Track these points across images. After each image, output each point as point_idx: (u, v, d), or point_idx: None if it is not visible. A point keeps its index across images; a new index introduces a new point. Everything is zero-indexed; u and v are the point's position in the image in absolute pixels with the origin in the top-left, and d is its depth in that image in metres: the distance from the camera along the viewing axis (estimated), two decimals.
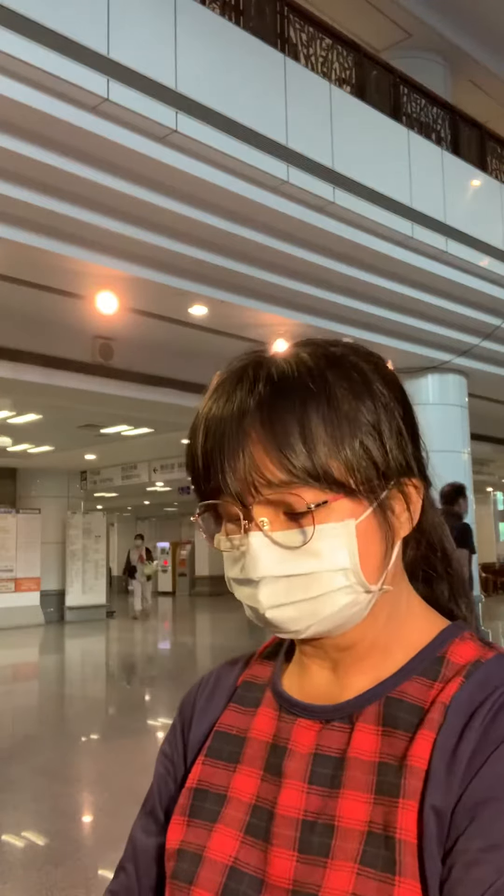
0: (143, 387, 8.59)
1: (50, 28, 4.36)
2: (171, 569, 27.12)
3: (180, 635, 15.94)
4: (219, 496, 0.68)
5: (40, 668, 11.81)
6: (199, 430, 0.69)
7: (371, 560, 0.67)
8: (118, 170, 5.07)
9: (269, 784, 0.70)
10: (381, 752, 0.66)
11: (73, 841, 4.46)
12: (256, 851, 0.67)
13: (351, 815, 0.64)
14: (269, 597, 0.66)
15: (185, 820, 0.73)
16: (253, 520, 0.66)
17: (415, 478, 0.70)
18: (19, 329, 7.36)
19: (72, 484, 17.82)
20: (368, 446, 0.66)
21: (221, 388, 0.69)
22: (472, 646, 0.71)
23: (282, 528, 0.66)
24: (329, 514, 0.65)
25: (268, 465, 0.64)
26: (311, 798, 0.67)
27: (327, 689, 0.73)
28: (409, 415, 0.72)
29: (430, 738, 0.64)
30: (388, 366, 0.72)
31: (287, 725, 0.72)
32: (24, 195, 4.96)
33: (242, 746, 0.74)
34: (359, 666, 0.72)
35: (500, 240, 7.97)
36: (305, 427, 0.64)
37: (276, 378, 0.66)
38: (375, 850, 0.61)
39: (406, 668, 0.70)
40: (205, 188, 5.43)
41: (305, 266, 6.57)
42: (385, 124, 7.01)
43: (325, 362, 0.68)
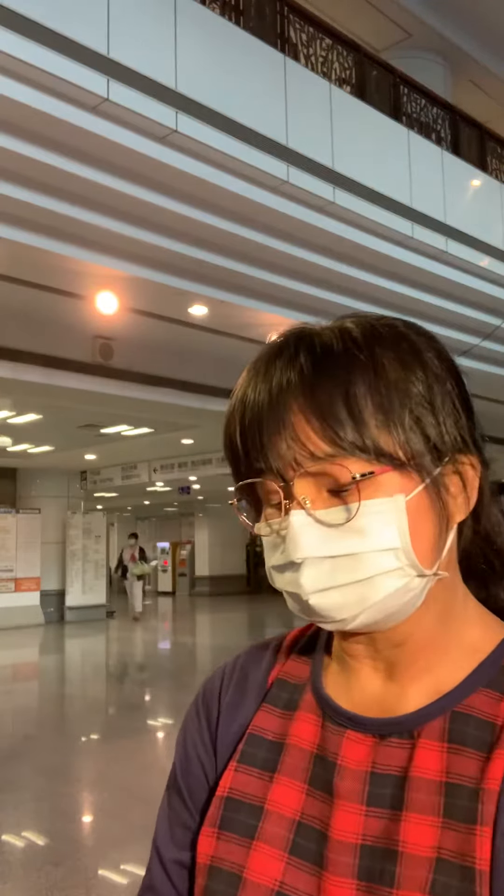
0: (143, 387, 8.59)
1: (50, 28, 4.36)
2: (171, 569, 27.10)
3: (180, 635, 15.94)
4: (258, 475, 0.63)
5: (40, 668, 11.81)
6: (235, 407, 0.65)
7: (424, 541, 0.61)
8: (118, 170, 5.07)
9: (317, 801, 0.64)
10: (448, 772, 0.60)
11: (73, 841, 4.46)
12: (306, 876, 0.61)
13: (417, 841, 0.58)
14: (313, 580, 0.60)
15: (215, 832, 0.66)
16: (294, 498, 0.61)
17: (472, 455, 0.65)
18: (19, 329, 7.36)
19: (72, 484, 17.81)
20: (420, 418, 0.61)
21: (259, 364, 0.65)
22: None
23: (325, 506, 0.61)
24: (376, 489, 0.60)
25: (310, 435, 0.60)
26: (369, 821, 0.61)
27: (381, 698, 0.66)
28: (463, 390, 0.67)
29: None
30: (439, 341, 0.67)
31: (334, 737, 0.66)
32: (24, 195, 4.96)
33: (280, 754, 0.68)
34: (414, 670, 0.66)
35: (500, 240, 7.97)
36: (351, 396, 0.60)
37: (318, 349, 0.62)
38: (447, 879, 0.56)
39: (471, 678, 0.64)
40: (205, 188, 5.43)
41: (305, 266, 6.57)
42: (385, 124, 7.01)
43: (372, 332, 0.64)
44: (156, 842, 0.74)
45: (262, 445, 0.62)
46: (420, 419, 0.61)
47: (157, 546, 28.47)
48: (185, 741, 0.76)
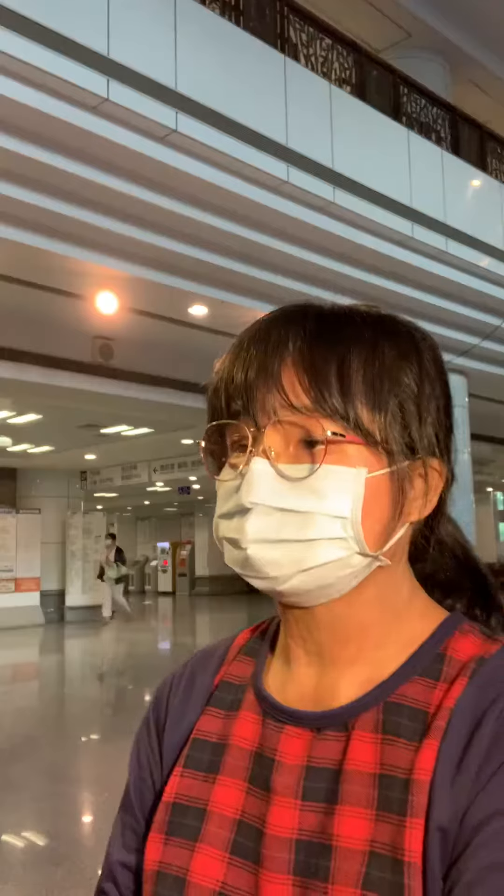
0: (143, 387, 8.60)
1: (50, 28, 4.36)
2: (171, 569, 27.11)
3: (180, 635, 15.94)
4: (234, 417, 0.64)
5: (40, 668, 11.82)
6: (230, 352, 0.66)
7: (374, 521, 0.62)
8: (118, 170, 5.07)
9: (256, 798, 0.64)
10: (381, 764, 0.60)
11: (73, 841, 4.46)
12: (246, 874, 0.61)
13: (351, 834, 0.58)
14: (258, 529, 0.61)
15: (162, 838, 0.66)
16: (261, 444, 0.62)
17: (442, 463, 0.66)
18: (19, 329, 7.36)
19: (72, 484, 17.81)
20: (404, 408, 0.63)
21: (264, 320, 0.66)
22: (474, 639, 0.65)
23: (288, 461, 0.62)
24: (342, 457, 0.61)
25: (296, 387, 0.61)
26: (305, 816, 0.61)
27: (316, 691, 0.66)
28: (448, 402, 0.68)
29: (434, 747, 0.58)
30: (440, 351, 0.69)
31: (273, 733, 0.66)
32: (24, 195, 4.96)
33: (222, 755, 0.68)
34: (344, 657, 0.66)
35: (500, 240, 7.97)
36: (344, 365, 0.61)
37: (325, 317, 0.64)
38: (380, 873, 0.56)
39: (405, 667, 0.64)
40: (205, 188, 5.42)
41: (305, 266, 6.57)
42: (385, 124, 7.00)
43: (379, 319, 0.66)
44: (108, 847, 0.76)
45: (245, 388, 0.63)
46: (404, 409, 0.63)
47: (157, 546, 28.48)
48: (138, 749, 0.77)
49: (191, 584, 26.13)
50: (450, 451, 0.68)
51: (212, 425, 0.66)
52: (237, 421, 0.64)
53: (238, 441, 0.65)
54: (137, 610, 19.57)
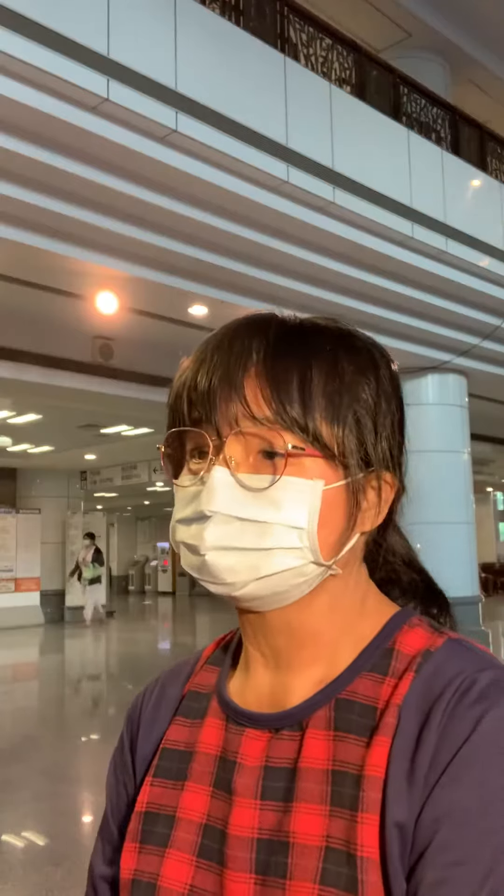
0: (143, 387, 8.59)
1: (50, 28, 4.35)
2: (171, 569, 27.11)
3: (180, 636, 15.95)
4: (196, 425, 0.65)
5: (40, 668, 11.81)
6: (193, 359, 0.67)
7: (329, 532, 0.64)
8: (118, 170, 5.07)
9: (220, 801, 0.66)
10: (333, 760, 0.61)
11: (73, 841, 4.46)
12: (212, 875, 0.63)
13: (306, 830, 0.59)
14: (216, 537, 0.62)
15: (136, 846, 0.68)
16: (222, 453, 0.63)
17: (394, 476, 0.68)
18: (19, 329, 7.36)
19: (72, 484, 17.81)
20: (361, 422, 0.65)
21: (228, 328, 0.68)
22: (422, 633, 0.66)
23: (248, 471, 0.63)
24: (300, 470, 0.62)
25: (258, 399, 0.62)
26: (264, 815, 0.62)
27: (272, 693, 0.68)
28: (402, 417, 0.70)
29: (385, 744, 0.59)
30: (396, 369, 0.71)
31: (235, 737, 0.67)
32: (24, 195, 4.96)
33: (189, 762, 0.69)
34: (298, 661, 0.67)
35: (500, 240, 7.97)
36: (306, 379, 0.63)
37: (287, 328, 0.66)
38: (336, 867, 0.57)
39: (355, 664, 0.65)
40: (205, 188, 5.42)
41: (305, 266, 6.57)
42: (385, 124, 7.00)
43: (339, 333, 0.68)
44: (91, 861, 0.78)
45: (208, 396, 0.64)
46: (360, 423, 0.65)
47: (157, 546, 28.47)
48: (114, 765, 0.79)
49: (191, 584, 26.09)
50: (401, 464, 0.70)
51: (172, 431, 0.68)
52: (199, 429, 0.65)
53: (198, 448, 0.66)
54: (137, 610, 19.55)
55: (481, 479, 18.37)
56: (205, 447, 0.65)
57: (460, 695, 0.59)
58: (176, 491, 0.68)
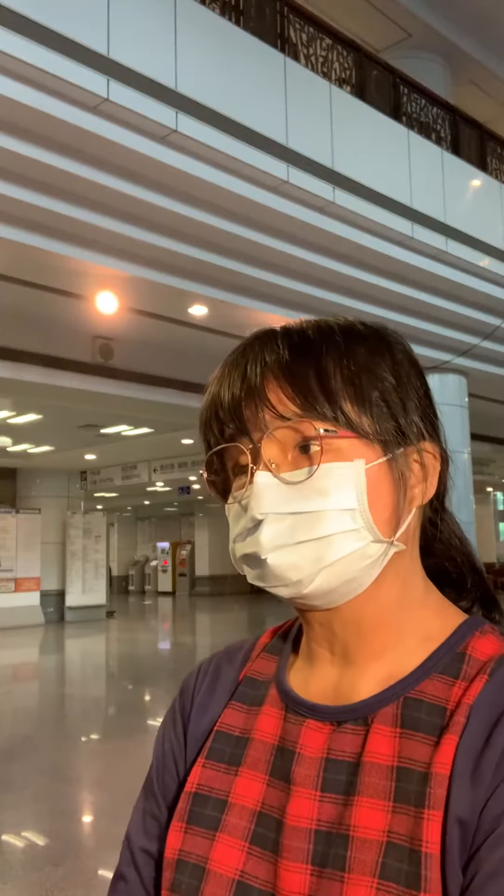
0: (143, 387, 8.59)
1: (50, 28, 4.36)
2: (171, 569, 27.11)
3: (180, 635, 15.95)
4: (230, 441, 0.67)
5: (40, 668, 11.81)
6: (213, 383, 0.69)
7: (382, 508, 0.64)
8: (118, 170, 5.07)
9: (276, 790, 0.66)
10: (399, 756, 0.61)
11: (73, 841, 4.46)
12: (265, 864, 0.63)
13: (368, 825, 0.59)
14: (272, 537, 0.63)
15: (183, 826, 0.68)
16: (261, 460, 0.64)
17: (435, 445, 0.69)
18: (19, 329, 7.36)
19: (72, 484, 17.81)
20: (387, 398, 0.65)
21: (239, 350, 0.69)
22: (494, 640, 0.67)
23: (289, 469, 0.64)
24: (339, 454, 0.63)
25: (281, 398, 0.63)
26: (324, 806, 0.62)
27: (337, 686, 0.68)
28: (427, 390, 0.71)
29: (453, 742, 0.60)
30: (409, 345, 0.72)
31: (294, 727, 0.68)
32: (24, 195, 4.96)
33: (245, 748, 0.70)
34: (367, 653, 0.67)
35: (500, 240, 7.97)
36: (322, 371, 0.64)
37: (295, 337, 0.67)
38: (397, 863, 0.57)
39: (425, 664, 0.66)
40: (205, 188, 5.42)
41: (305, 266, 6.57)
42: (385, 124, 7.00)
43: (347, 326, 0.69)
44: (128, 830, 0.76)
45: (234, 410, 0.65)
46: (387, 400, 0.65)
47: (157, 546, 28.47)
48: (162, 737, 0.78)
49: (191, 584, 26.13)
50: (438, 432, 0.70)
51: (211, 453, 0.69)
52: (234, 443, 0.66)
53: (239, 463, 0.67)
54: (137, 610, 19.54)
55: (481, 479, 18.37)
56: (244, 460, 0.66)
57: None
58: (228, 512, 0.68)
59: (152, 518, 30.74)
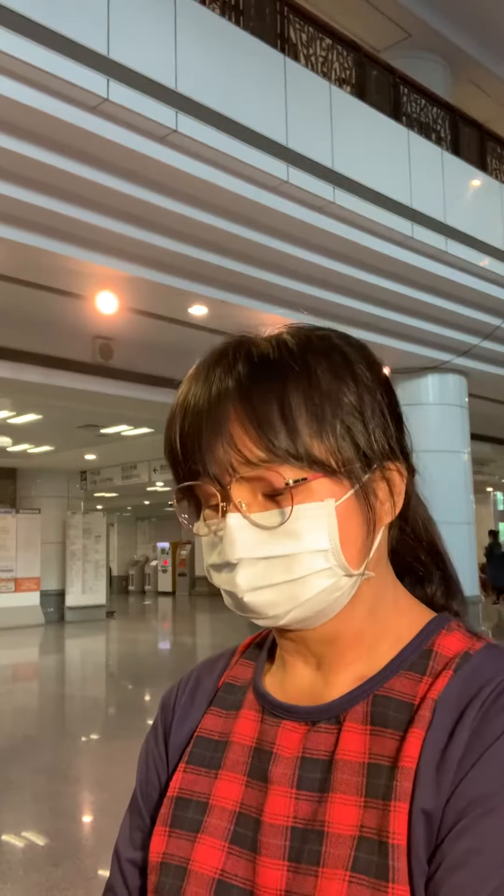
0: (143, 387, 8.59)
1: (50, 28, 4.35)
2: (171, 569, 27.11)
3: (180, 636, 15.94)
4: (196, 478, 0.66)
5: (40, 668, 11.81)
6: (176, 412, 0.68)
7: (352, 543, 0.65)
8: (118, 170, 5.07)
9: (254, 790, 0.67)
10: (369, 753, 0.63)
11: (73, 841, 4.46)
12: (244, 862, 0.64)
13: (341, 820, 0.61)
14: (248, 579, 0.64)
15: (166, 830, 0.70)
16: (231, 501, 0.64)
17: (399, 463, 0.69)
18: (19, 329, 7.35)
19: (72, 484, 17.81)
20: (350, 427, 0.65)
21: (200, 371, 0.68)
22: (460, 636, 0.68)
23: (260, 510, 0.64)
24: (309, 494, 0.63)
25: (246, 443, 0.63)
26: (300, 804, 0.64)
27: (311, 688, 0.70)
28: (392, 400, 0.71)
29: (419, 736, 0.61)
30: (370, 352, 0.71)
31: (271, 728, 0.69)
32: (24, 195, 4.96)
33: (224, 751, 0.71)
34: (343, 661, 0.69)
35: (500, 240, 7.97)
36: (285, 405, 0.63)
37: (255, 358, 0.65)
38: (368, 856, 0.59)
39: (393, 663, 0.67)
40: (205, 188, 5.42)
41: (305, 266, 6.57)
42: (385, 124, 7.00)
43: (306, 343, 0.67)
44: (116, 846, 0.78)
45: (200, 450, 0.65)
46: (350, 428, 0.65)
47: (157, 546, 28.46)
48: (146, 750, 0.80)
49: (191, 584, 26.12)
50: (403, 446, 0.70)
51: (179, 488, 0.68)
52: (200, 482, 0.66)
53: (209, 494, 0.67)
54: (137, 610, 19.52)
55: (481, 479, 18.36)
56: (213, 500, 0.66)
57: (496, 696, 0.61)
58: (198, 536, 0.69)
59: (152, 518, 30.72)
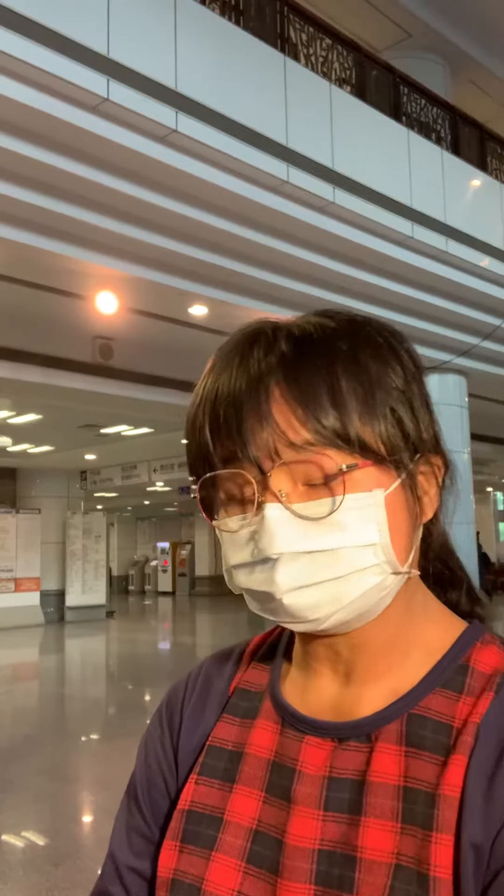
0: (143, 387, 8.60)
1: (50, 28, 4.35)
2: (171, 569, 27.11)
3: (180, 636, 15.94)
4: (231, 464, 0.60)
5: (40, 668, 11.81)
6: (204, 402, 0.62)
7: (400, 537, 0.60)
8: (118, 170, 5.07)
9: (274, 808, 0.63)
10: (405, 776, 0.59)
11: (73, 841, 4.46)
12: (262, 884, 0.61)
13: (376, 846, 0.57)
14: (289, 578, 0.58)
15: (177, 845, 0.65)
16: (269, 490, 0.58)
17: (439, 456, 0.65)
18: (19, 329, 7.36)
19: (72, 484, 17.81)
20: (400, 414, 0.61)
21: (230, 357, 0.62)
22: (496, 650, 0.64)
23: (301, 500, 0.59)
24: (356, 484, 0.58)
25: (293, 423, 0.57)
26: (327, 826, 0.60)
27: (338, 701, 0.65)
28: (429, 395, 0.68)
29: (462, 763, 0.57)
30: (409, 342, 0.67)
31: (293, 743, 0.65)
32: (24, 195, 4.96)
33: (239, 763, 0.67)
34: (373, 673, 0.65)
35: (500, 240, 7.97)
36: (335, 386, 0.58)
37: (297, 336, 0.61)
38: (405, 885, 0.55)
39: (428, 678, 0.63)
40: (205, 188, 5.42)
41: (305, 266, 6.57)
42: (385, 124, 7.00)
43: (349, 326, 0.63)
44: (111, 847, 0.73)
45: (240, 434, 0.58)
46: (400, 416, 0.61)
47: (157, 546, 28.47)
48: (147, 750, 0.75)
49: (191, 584, 26.12)
50: (440, 440, 0.67)
51: (208, 477, 0.62)
52: (236, 468, 0.60)
53: (242, 484, 0.61)
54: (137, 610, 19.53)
55: (481, 479, 18.37)
56: (249, 491, 0.60)
57: None
58: (221, 534, 0.63)
59: (152, 518, 30.73)
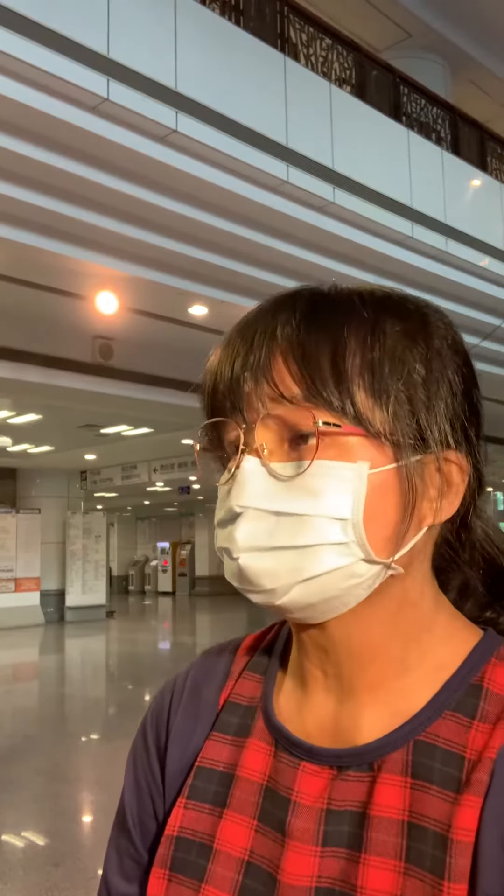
0: (143, 387, 8.59)
1: (50, 28, 4.36)
2: (171, 569, 27.11)
3: (180, 636, 15.94)
4: (223, 415, 0.58)
5: (40, 668, 11.81)
6: (222, 344, 0.60)
7: (381, 524, 0.55)
8: (118, 170, 5.07)
9: (267, 839, 0.58)
10: (411, 811, 0.54)
11: (73, 841, 4.46)
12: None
13: (376, 887, 0.53)
14: (248, 535, 0.54)
15: (166, 874, 0.61)
16: (252, 443, 0.55)
17: (463, 457, 0.58)
18: (19, 329, 7.35)
19: (72, 484, 17.81)
20: (412, 393, 0.55)
21: (260, 310, 0.60)
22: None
23: (282, 460, 0.55)
24: (341, 452, 0.54)
25: (284, 377, 0.54)
26: (325, 861, 0.55)
27: (336, 723, 0.60)
28: (470, 389, 0.61)
29: (476, 805, 0.52)
30: (457, 331, 0.62)
31: (287, 769, 0.60)
32: (24, 195, 4.96)
33: (230, 787, 0.62)
34: (365, 682, 0.59)
35: (500, 240, 7.97)
36: (339, 347, 0.54)
37: (321, 297, 0.58)
38: None
39: (435, 700, 0.57)
40: (205, 188, 5.43)
41: (305, 266, 6.57)
42: (385, 124, 7.01)
43: (385, 296, 0.59)
44: (105, 869, 0.70)
45: (232, 382, 0.57)
46: (411, 395, 0.56)
47: (157, 546, 28.48)
48: (135, 767, 0.70)
49: (191, 583, 26.13)
50: (472, 442, 0.60)
51: (204, 425, 0.60)
52: (227, 418, 0.58)
53: (233, 441, 0.58)
54: (137, 610, 19.53)
55: None
56: (235, 438, 0.57)
57: None
58: (219, 492, 0.60)
59: (152, 518, 30.74)
